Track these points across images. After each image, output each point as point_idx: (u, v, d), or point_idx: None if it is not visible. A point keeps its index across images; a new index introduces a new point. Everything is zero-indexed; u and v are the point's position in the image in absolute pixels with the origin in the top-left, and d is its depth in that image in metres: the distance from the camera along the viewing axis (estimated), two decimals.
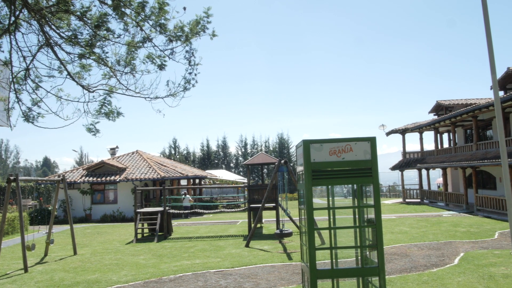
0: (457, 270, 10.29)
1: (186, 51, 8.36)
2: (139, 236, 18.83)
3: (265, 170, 52.88)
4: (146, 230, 19.76)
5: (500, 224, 18.35)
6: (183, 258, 13.36)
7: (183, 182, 35.97)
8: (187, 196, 29.37)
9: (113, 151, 36.91)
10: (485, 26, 5.65)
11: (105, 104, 8.70)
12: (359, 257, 5.80)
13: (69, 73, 8.46)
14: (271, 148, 62.96)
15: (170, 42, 8.24)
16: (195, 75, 8.55)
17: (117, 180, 28.86)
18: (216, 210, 22.77)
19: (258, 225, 21.18)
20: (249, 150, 63.50)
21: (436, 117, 33.49)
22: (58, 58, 8.25)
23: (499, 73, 23.56)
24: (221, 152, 64.61)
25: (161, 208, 19.41)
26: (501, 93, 24.34)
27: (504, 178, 5.40)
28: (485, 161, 22.21)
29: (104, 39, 8.13)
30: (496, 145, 23.57)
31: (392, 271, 10.43)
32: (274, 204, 18.37)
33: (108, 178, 29.21)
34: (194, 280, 10.41)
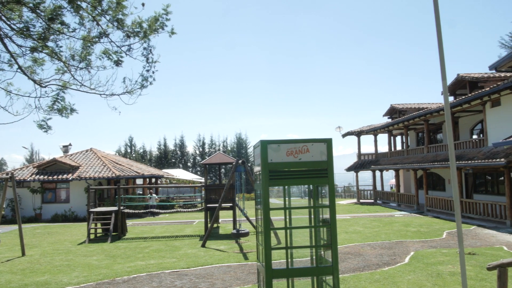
0: (407, 268, 10.63)
1: (144, 48, 8.23)
2: (92, 236, 18.34)
3: (222, 170, 52.74)
4: (99, 230, 19.27)
5: (448, 224, 19.11)
6: (138, 259, 13.13)
7: (139, 181, 35.34)
8: (154, 195, 28.97)
9: (65, 148, 35.77)
10: (437, 35, 5.85)
11: (58, 100, 8.43)
12: (314, 257, 5.89)
13: (20, 67, 8.14)
14: (229, 148, 62.87)
15: (127, 38, 8.08)
16: (153, 72, 8.43)
17: (70, 178, 27.99)
18: (173, 210, 22.51)
19: (215, 225, 21.10)
20: (207, 150, 63.13)
21: (390, 120, 34.47)
22: (9, 51, 7.92)
23: (450, 79, 24.53)
24: (178, 151, 63.86)
25: (115, 208, 18.99)
26: (451, 99, 25.35)
27: (452, 180, 5.62)
28: (435, 163, 23.07)
29: (58, 32, 7.87)
30: (446, 148, 24.54)
31: (345, 270, 10.65)
32: (231, 204, 18.36)
33: (60, 177, 28.28)
34: (148, 281, 10.25)
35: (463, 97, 21.41)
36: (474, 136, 25.70)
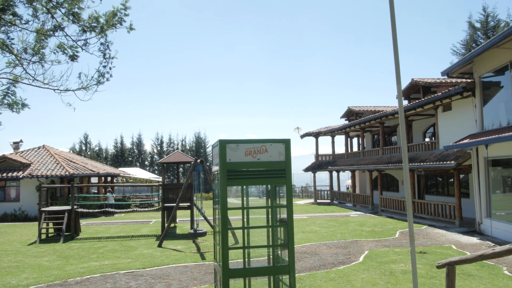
0: (361, 267, 10.87)
1: (101, 43, 8.03)
2: (43, 236, 17.71)
3: (180, 169, 52.17)
4: (51, 230, 18.64)
5: (401, 223, 19.70)
6: (91, 259, 12.79)
7: (94, 180, 34.43)
8: (111, 194, 28.37)
9: (16, 145, 34.37)
10: (393, 40, 6.02)
11: (9, 94, 8.10)
12: (271, 256, 5.92)
13: None
14: (187, 147, 62.30)
15: (84, 32, 7.86)
16: (110, 68, 8.25)
17: (20, 176, 26.92)
18: (129, 209, 22.07)
19: (172, 225, 20.86)
20: (165, 149, 62.30)
21: (347, 122, 35.17)
22: None
23: (404, 84, 25.28)
24: (135, 150, 62.69)
25: (68, 207, 18.42)
26: (406, 102, 26.14)
27: (405, 181, 5.80)
28: (390, 165, 23.73)
29: (9, 24, 7.56)
30: (400, 150, 25.29)
31: (302, 269, 10.78)
32: (189, 204, 18.19)
33: (10, 174, 27.14)
34: (102, 282, 10.00)
35: (417, 101, 22.13)
36: (427, 139, 26.62)
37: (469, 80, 17.68)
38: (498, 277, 9.63)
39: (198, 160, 15.99)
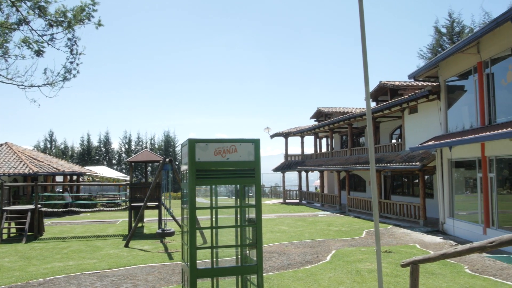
0: (328, 266, 11.00)
1: (68, 39, 7.85)
2: (5, 236, 17.16)
3: (149, 168, 51.53)
4: (13, 230, 18.07)
5: (368, 223, 20.04)
6: (55, 260, 12.48)
7: (59, 179, 33.61)
8: (68, 193, 27.81)
9: None
10: (362, 44, 6.12)
11: None
12: (239, 256, 5.92)
13: None
14: (156, 146, 61.52)
15: (50, 27, 7.66)
16: (77, 65, 8.07)
17: None
18: (95, 209, 21.64)
19: (140, 225, 20.57)
20: (133, 147, 61.32)
21: (316, 122, 35.52)
22: None
23: (373, 86, 25.75)
24: (103, 148, 61.46)
25: (32, 206, 17.91)
26: (374, 104, 26.62)
27: (371, 182, 5.90)
28: (357, 165, 24.11)
29: None
30: (367, 151, 25.73)
31: (270, 268, 10.82)
32: (157, 203, 17.99)
33: None
34: (66, 283, 9.77)
35: (384, 103, 22.56)
36: (393, 141, 27.18)
37: (434, 84, 18.15)
38: (459, 275, 9.92)
39: (167, 159, 15.83)
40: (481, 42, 14.58)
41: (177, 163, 47.24)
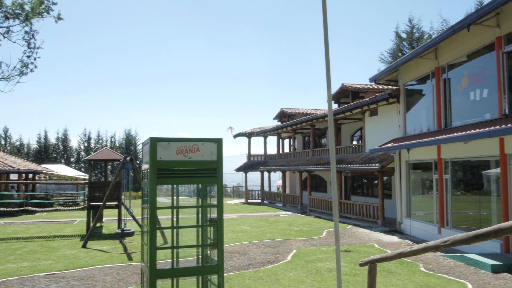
0: (289, 266, 11.10)
1: (26, 32, 7.59)
2: None
3: (109, 167, 50.48)
4: None
5: (328, 223, 20.35)
6: (8, 261, 12.01)
7: (13, 177, 32.40)
8: (15, 191, 26.86)
9: None
10: (325, 46, 6.20)
11: None
12: (200, 256, 5.88)
13: None
14: (117, 144, 60.30)
15: (6, 19, 7.39)
16: (35, 59, 7.81)
17: None
18: (51, 208, 20.99)
19: (98, 224, 20.10)
20: (93, 145, 59.87)
21: (279, 123, 35.77)
22: None
23: (335, 88, 26.15)
24: (61, 146, 59.71)
25: None
26: (336, 106, 27.05)
27: (332, 183, 5.99)
28: (319, 166, 24.44)
29: None
30: (329, 152, 26.11)
31: (231, 268, 10.81)
32: (116, 203, 17.63)
33: None
34: (20, 285, 9.43)
35: (346, 105, 22.98)
36: (354, 142, 27.70)
37: (394, 87, 18.63)
38: (415, 274, 10.22)
39: (128, 158, 15.55)
40: (439, 48, 15.08)
41: (138, 162, 46.49)
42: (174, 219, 5.79)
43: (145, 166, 5.77)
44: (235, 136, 37.90)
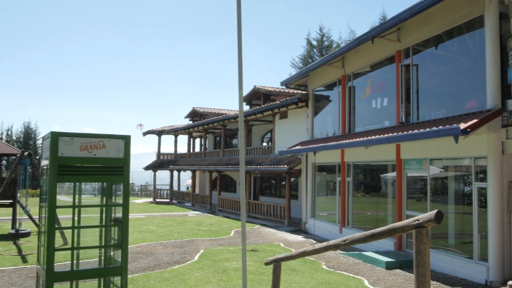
0: (196, 266, 11.04)
1: None
2: None
3: (4, 161, 46.71)
4: None
5: (237, 223, 20.56)
6: None
7: None
8: None
9: None
10: (238, 48, 6.27)
11: None
12: (103, 257, 5.65)
13: None
14: (14, 138, 55.91)
15: None
16: None
17: None
18: None
19: None
20: None
21: (191, 122, 35.47)
22: None
23: (248, 89, 26.53)
24: None
25: None
26: (248, 107, 27.45)
27: (241, 183, 6.07)
28: (229, 166, 24.61)
29: None
30: (239, 153, 26.39)
31: (136, 269, 10.51)
32: (11, 201, 16.33)
33: None
34: None
35: (257, 107, 23.39)
36: (264, 144, 28.31)
37: (304, 92, 19.32)
38: (317, 271, 10.68)
39: (26, 153, 14.52)
40: (346, 57, 15.91)
41: (37, 157, 43.53)
42: (76, 218, 5.51)
43: (44, 162, 5.43)
44: (145, 134, 36.91)
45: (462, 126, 9.02)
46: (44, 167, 5.45)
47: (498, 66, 9.80)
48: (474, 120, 9.21)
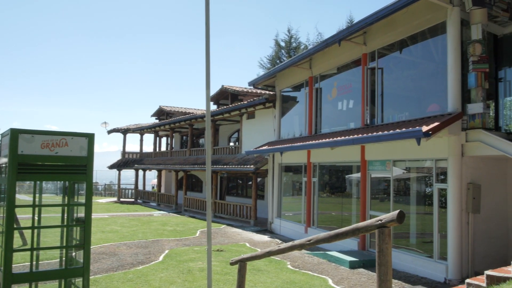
0: (161, 266, 10.92)
1: None
2: None
3: None
4: None
5: (202, 223, 20.45)
6: None
7: None
8: None
9: None
10: (206, 47, 6.24)
11: None
12: (64, 258, 5.51)
13: None
14: None
15: None
16: None
17: None
18: None
19: None
20: None
21: (157, 121, 35.07)
22: None
23: (215, 89, 26.44)
24: None
25: None
26: (215, 107, 27.35)
27: (207, 182, 6.05)
28: (195, 166, 24.46)
29: None
30: (205, 153, 26.26)
31: (98, 270, 10.30)
32: None
33: None
34: None
35: (225, 107, 23.35)
36: (231, 144, 28.27)
37: (271, 93, 19.42)
38: (282, 271, 10.75)
39: None
40: (313, 59, 16.09)
41: None
42: (36, 218, 5.34)
43: (3, 160, 5.25)
44: (110, 132, 36.21)
45: (424, 129, 9.29)
46: (3, 165, 5.28)
47: (459, 71, 10.14)
48: (436, 123, 9.49)
